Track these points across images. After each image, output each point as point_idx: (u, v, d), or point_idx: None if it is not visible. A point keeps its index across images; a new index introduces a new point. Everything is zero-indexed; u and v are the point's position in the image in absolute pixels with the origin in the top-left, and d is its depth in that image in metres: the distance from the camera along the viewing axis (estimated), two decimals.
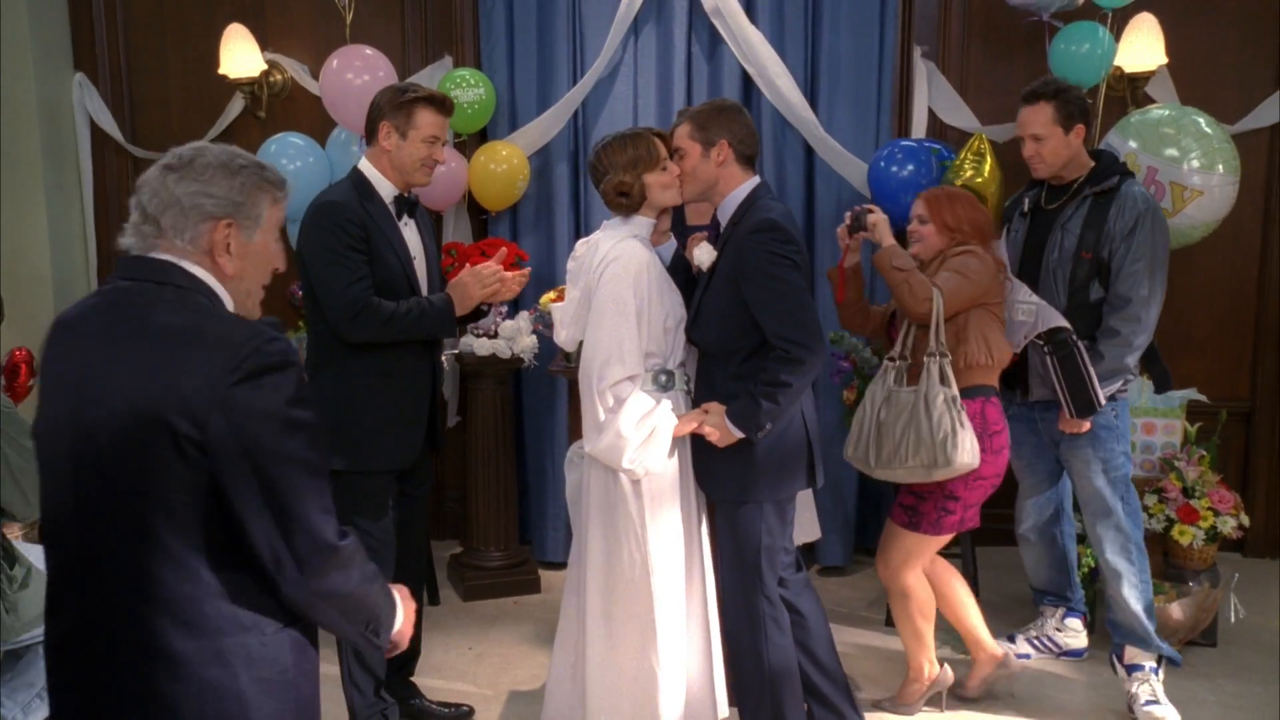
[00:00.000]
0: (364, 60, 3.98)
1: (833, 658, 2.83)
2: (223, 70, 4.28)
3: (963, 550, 3.73)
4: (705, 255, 2.70)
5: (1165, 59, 3.97)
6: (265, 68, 4.36)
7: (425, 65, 4.40)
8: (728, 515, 2.69)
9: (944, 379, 2.81)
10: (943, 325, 2.82)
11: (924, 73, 4.22)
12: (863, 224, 2.95)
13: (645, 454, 2.58)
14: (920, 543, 2.98)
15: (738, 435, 2.58)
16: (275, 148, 4.11)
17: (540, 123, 4.24)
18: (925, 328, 2.86)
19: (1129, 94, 4.09)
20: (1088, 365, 3.02)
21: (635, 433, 2.57)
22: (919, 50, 4.24)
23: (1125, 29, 3.93)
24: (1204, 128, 3.59)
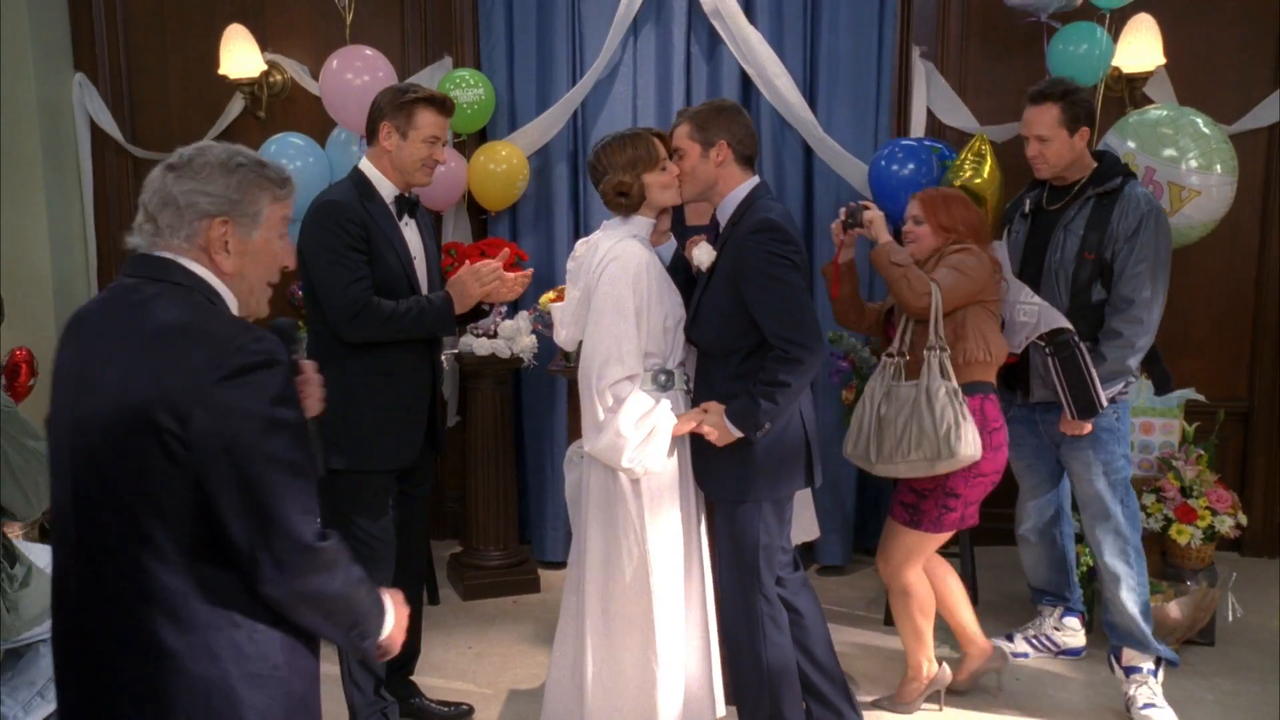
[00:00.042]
0: (364, 61, 3.98)
1: (831, 656, 2.83)
2: (223, 70, 4.28)
3: (961, 549, 3.73)
4: (704, 255, 2.70)
5: (1163, 59, 3.98)
6: (265, 68, 4.36)
7: (425, 66, 4.40)
8: (726, 514, 2.70)
9: (944, 372, 2.81)
10: (941, 320, 2.83)
11: (922, 73, 4.23)
12: (858, 220, 2.95)
13: (644, 453, 2.59)
14: (921, 540, 2.98)
15: (736, 435, 2.59)
16: (275, 148, 4.11)
17: (540, 123, 4.24)
18: (923, 323, 2.86)
19: (1127, 94, 4.10)
20: (1090, 367, 3.01)
21: (634, 432, 2.57)
22: (918, 50, 4.25)
23: (1123, 29, 3.94)
24: (1202, 128, 3.60)
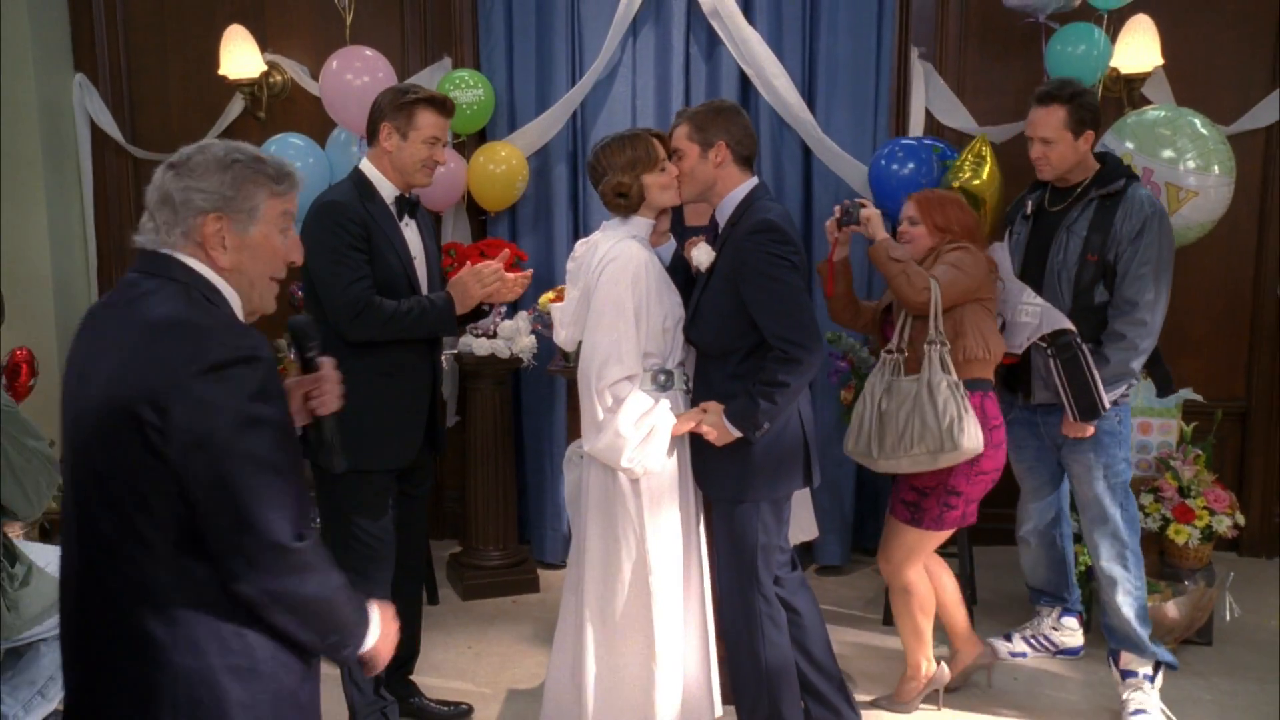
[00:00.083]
0: (363, 61, 3.99)
1: (829, 656, 2.84)
2: (223, 71, 4.28)
3: (960, 549, 3.74)
4: (703, 256, 2.71)
5: (1161, 60, 3.98)
6: (265, 68, 4.37)
7: (424, 66, 4.40)
8: (724, 514, 2.70)
9: (945, 366, 2.82)
10: (941, 315, 2.84)
11: (921, 74, 4.24)
12: (854, 218, 2.95)
13: (644, 453, 2.59)
14: (922, 538, 2.99)
15: (735, 434, 2.59)
16: (275, 148, 4.11)
17: (539, 123, 4.25)
18: (922, 319, 2.87)
19: (1125, 95, 4.10)
20: (1092, 368, 2.99)
21: (634, 432, 2.58)
22: (916, 51, 4.25)
23: (1121, 30, 3.95)
24: (1200, 129, 3.61)
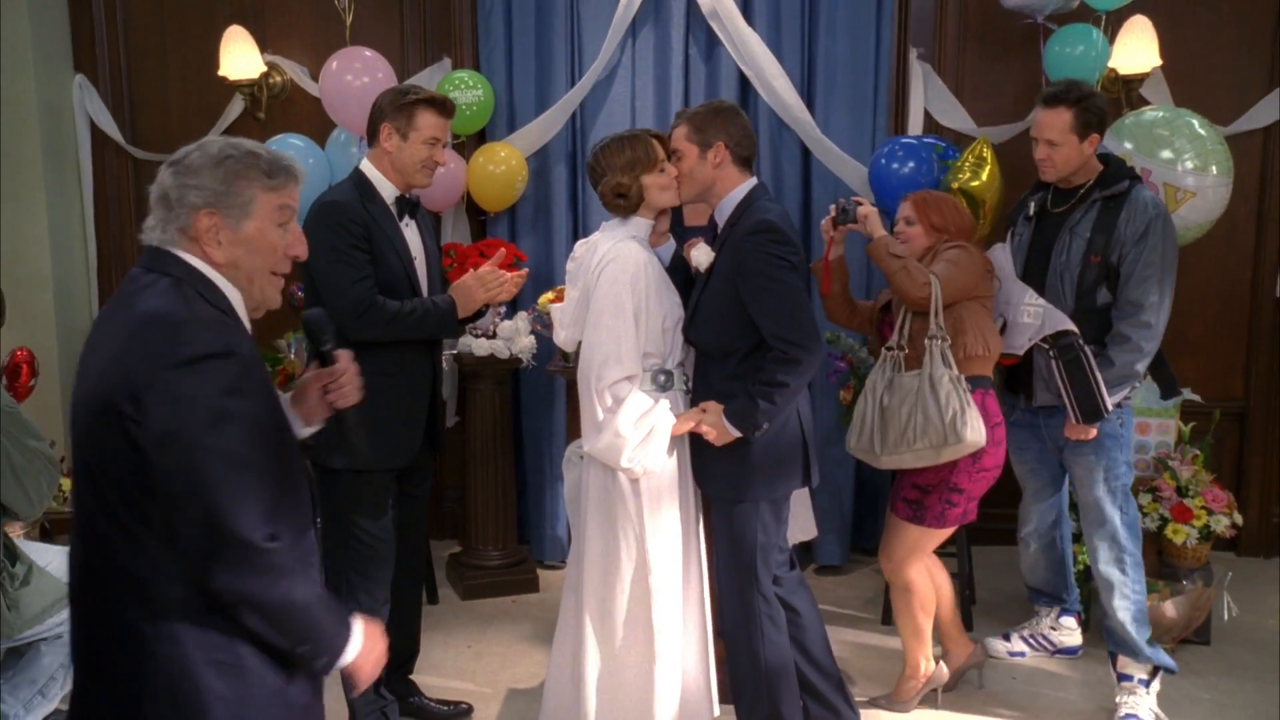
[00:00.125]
0: (363, 62, 3.99)
1: (827, 655, 2.84)
2: (222, 72, 4.28)
3: (958, 549, 3.75)
4: (703, 256, 2.71)
5: (1159, 61, 3.99)
6: (265, 69, 4.37)
7: (424, 67, 4.41)
8: (724, 513, 2.71)
9: (946, 360, 2.83)
10: (941, 310, 2.84)
11: (920, 74, 4.24)
12: (851, 216, 2.96)
13: (644, 453, 2.60)
14: (924, 536, 2.99)
15: (735, 434, 2.60)
16: (275, 149, 4.11)
17: (538, 124, 4.25)
18: (922, 315, 2.88)
19: (1123, 96, 4.11)
20: (1094, 370, 2.99)
21: (634, 432, 2.58)
22: (915, 52, 4.26)
23: (1119, 31, 3.95)
24: (1198, 129, 3.62)
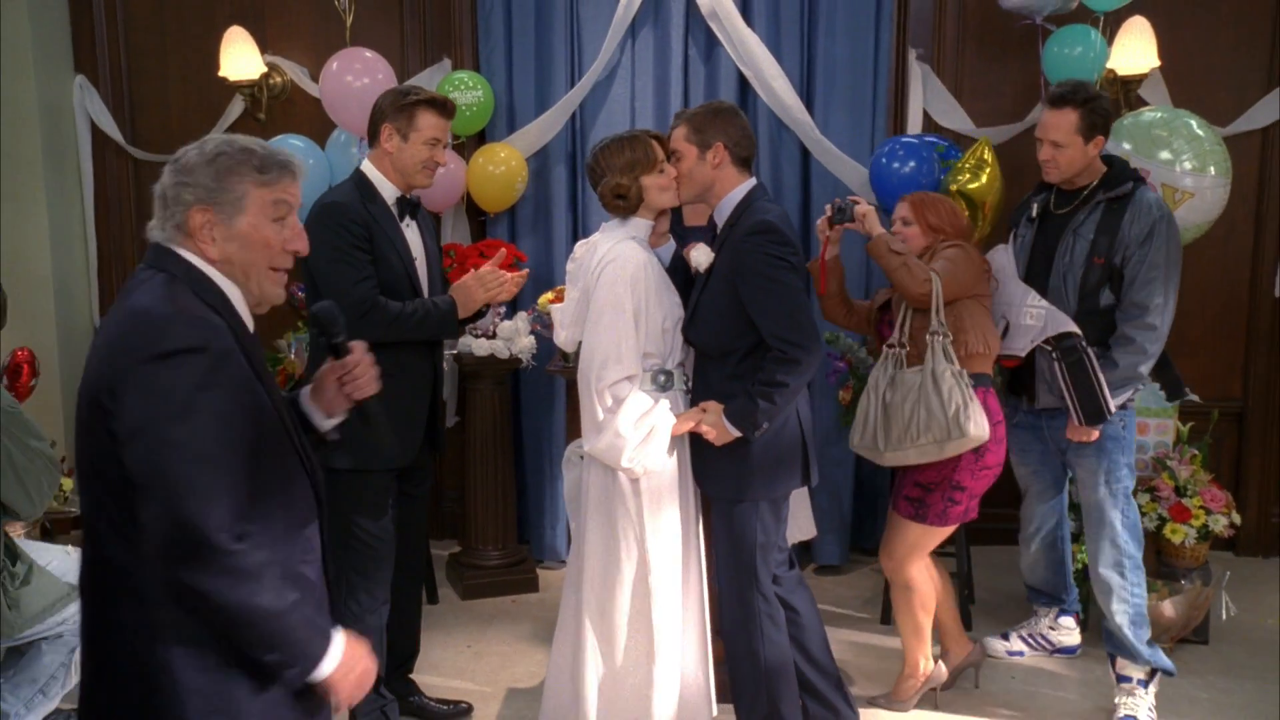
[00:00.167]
0: (363, 63, 4.00)
1: (827, 654, 2.85)
2: (223, 72, 4.29)
3: (958, 548, 3.75)
4: (703, 257, 2.72)
5: (1158, 61, 4.00)
6: (265, 70, 4.38)
7: (424, 68, 4.41)
8: (723, 513, 2.71)
9: (948, 356, 2.83)
10: (943, 306, 2.85)
11: (919, 75, 4.25)
12: (848, 216, 2.96)
13: (644, 453, 2.61)
14: (925, 534, 2.99)
15: (735, 434, 2.60)
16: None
17: (538, 125, 4.26)
18: (923, 312, 2.89)
19: (1122, 96, 4.11)
20: (1097, 372, 2.98)
21: (634, 432, 2.59)
22: (914, 53, 4.27)
23: (1118, 32, 3.96)
24: (1196, 130, 3.62)
